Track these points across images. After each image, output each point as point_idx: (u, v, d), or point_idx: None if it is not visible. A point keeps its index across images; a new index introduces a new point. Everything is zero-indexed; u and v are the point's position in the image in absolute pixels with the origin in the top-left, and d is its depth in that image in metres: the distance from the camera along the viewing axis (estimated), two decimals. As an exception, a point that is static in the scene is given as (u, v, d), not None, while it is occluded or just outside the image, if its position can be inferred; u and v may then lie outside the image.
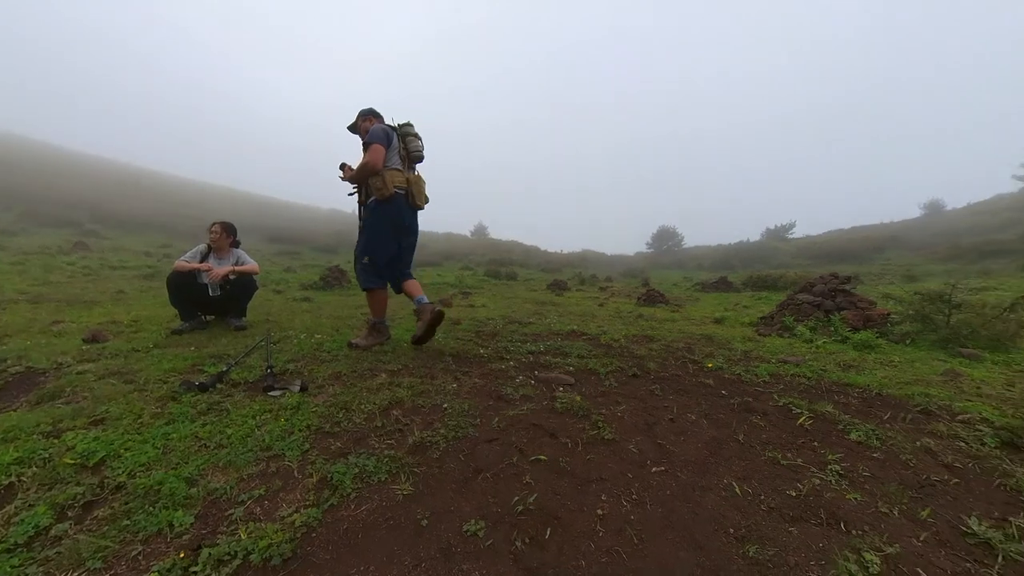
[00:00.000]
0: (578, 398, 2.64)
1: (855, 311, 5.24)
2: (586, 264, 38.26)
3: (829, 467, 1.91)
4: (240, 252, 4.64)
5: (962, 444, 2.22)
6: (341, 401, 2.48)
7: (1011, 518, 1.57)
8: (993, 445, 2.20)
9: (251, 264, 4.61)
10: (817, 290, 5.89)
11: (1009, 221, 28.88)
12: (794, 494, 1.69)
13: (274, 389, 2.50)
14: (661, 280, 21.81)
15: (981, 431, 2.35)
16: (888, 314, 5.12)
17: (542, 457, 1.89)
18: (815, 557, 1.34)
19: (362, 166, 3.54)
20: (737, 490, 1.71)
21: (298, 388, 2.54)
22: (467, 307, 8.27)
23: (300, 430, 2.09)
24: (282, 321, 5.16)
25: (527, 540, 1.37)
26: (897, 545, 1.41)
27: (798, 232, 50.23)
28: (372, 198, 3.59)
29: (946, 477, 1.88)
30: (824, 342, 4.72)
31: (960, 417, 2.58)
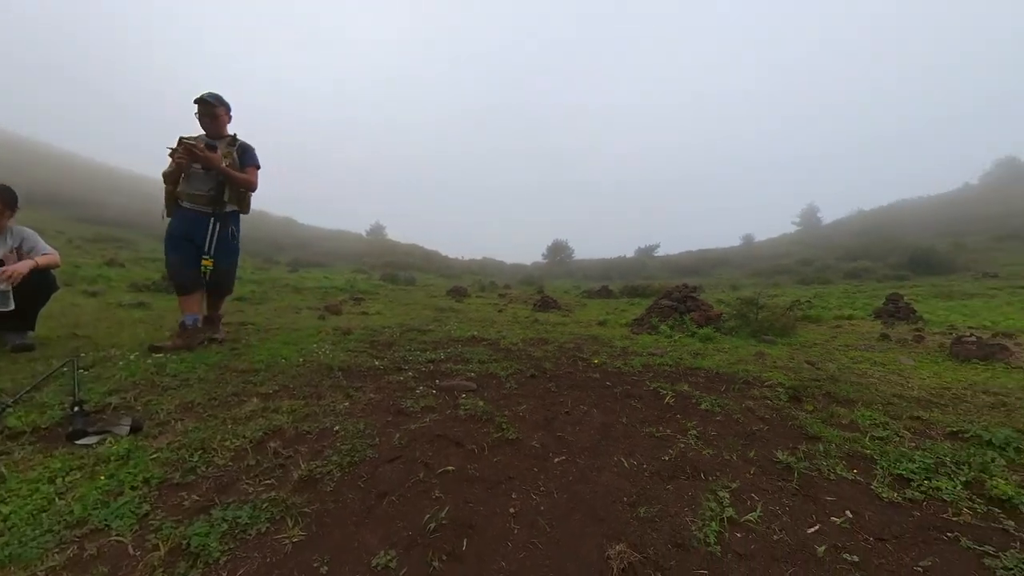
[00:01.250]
0: (481, 403, 2.65)
1: (700, 312, 6.69)
2: (486, 271, 39.00)
3: (689, 432, 2.33)
4: (28, 233, 3.28)
5: (768, 401, 2.97)
6: (195, 440, 1.97)
7: (799, 446, 2.19)
8: (786, 400, 3.01)
9: (50, 254, 3.33)
10: (674, 296, 7.31)
11: (788, 252, 40.67)
12: (667, 458, 2.01)
13: (87, 435, 1.89)
14: (554, 288, 23.58)
15: (779, 391, 3.18)
16: (721, 314, 6.69)
17: (450, 468, 1.84)
18: (687, 504, 1.63)
19: (244, 182, 3.72)
20: (625, 464, 1.95)
21: (127, 429, 1.96)
22: (360, 315, 7.57)
23: (133, 487, 1.57)
24: (99, 336, 3.91)
25: (444, 557, 1.30)
26: (738, 481, 1.82)
27: (661, 251, 61.88)
28: (233, 209, 3.82)
29: (762, 426, 2.49)
30: (680, 337, 5.83)
31: (766, 383, 3.44)
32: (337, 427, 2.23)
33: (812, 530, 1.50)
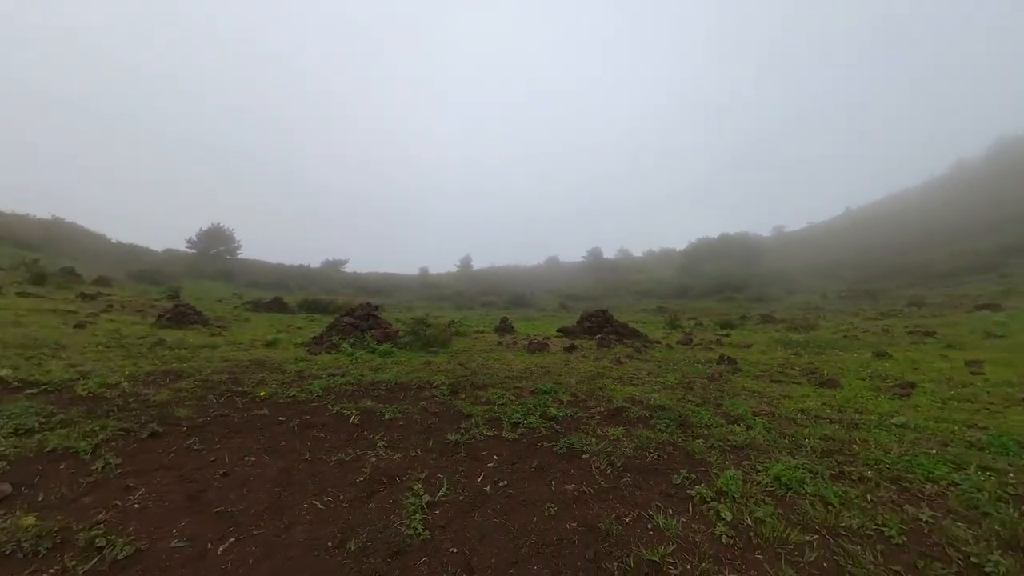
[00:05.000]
0: (30, 520, 1.47)
1: (381, 330, 7.07)
2: (54, 247, 22.04)
3: (378, 445, 2.38)
4: None
5: (437, 398, 3.55)
6: None
7: (461, 425, 2.78)
8: (448, 394, 3.71)
9: None
10: (357, 314, 7.31)
11: (450, 284, 51.25)
12: (363, 479, 1.96)
13: None
14: (201, 293, 16.95)
15: (443, 389, 3.87)
16: (399, 331, 7.36)
17: None
18: (391, 511, 1.67)
19: None
20: (320, 505, 1.71)
21: None
22: None
23: None
24: None
25: None
26: (426, 469, 2.06)
27: (350, 267, 59.76)
28: None
29: (435, 419, 2.96)
30: (361, 354, 5.86)
31: (434, 385, 4.10)
32: None
33: (480, 479, 1.99)
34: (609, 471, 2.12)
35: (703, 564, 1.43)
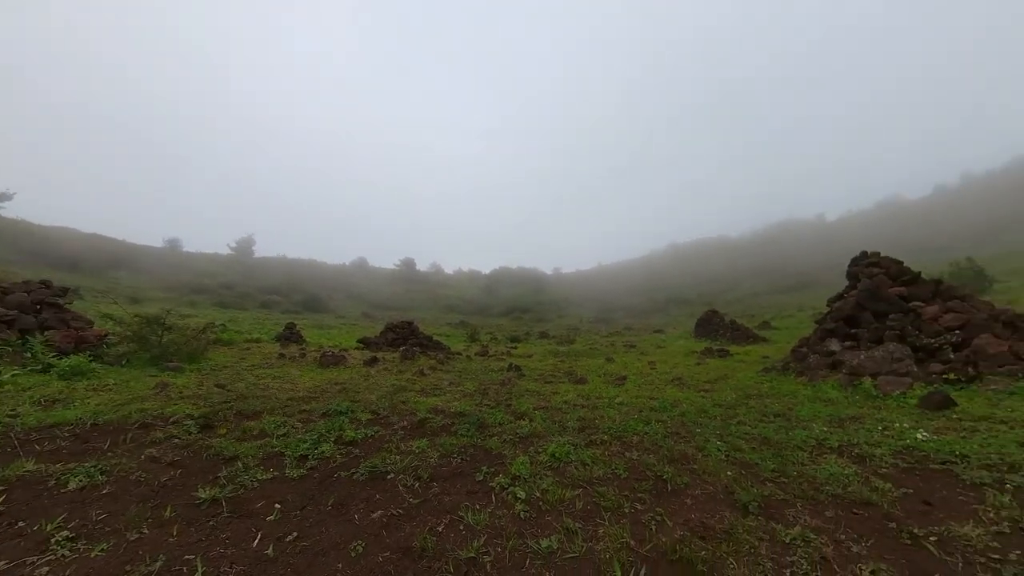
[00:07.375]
0: None
1: (67, 331, 4.33)
2: None
3: (55, 541, 1.52)
4: None
5: (177, 440, 2.60)
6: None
7: (220, 473, 2.13)
8: (197, 432, 2.77)
9: None
10: (14, 300, 4.30)
11: (214, 272, 37.61)
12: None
13: None
14: None
15: (188, 424, 2.86)
16: (107, 335, 4.79)
17: None
18: None
19: None
20: None
21: None
22: None
23: None
24: None
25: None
26: (161, 558, 1.46)
27: (14, 210, 30.52)
28: None
29: (175, 472, 2.14)
30: (15, 375, 3.53)
31: (172, 419, 2.98)
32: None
33: (256, 542, 1.58)
34: (417, 486, 2.10)
35: (511, 542, 1.63)
